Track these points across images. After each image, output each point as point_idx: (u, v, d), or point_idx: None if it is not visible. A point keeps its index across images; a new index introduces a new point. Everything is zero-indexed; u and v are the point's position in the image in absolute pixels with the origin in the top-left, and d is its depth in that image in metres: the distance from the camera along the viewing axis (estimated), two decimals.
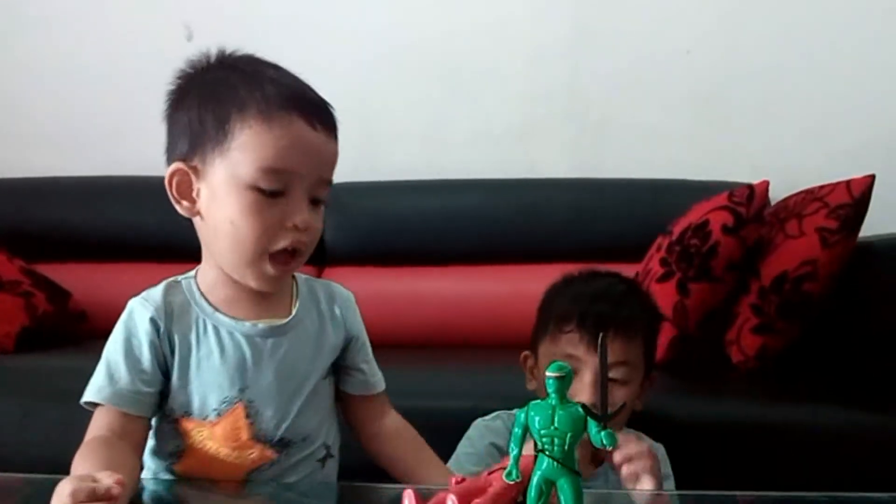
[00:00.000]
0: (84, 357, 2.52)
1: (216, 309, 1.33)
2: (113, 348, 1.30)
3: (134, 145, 2.98)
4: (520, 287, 1.79)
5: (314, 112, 1.30)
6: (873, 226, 2.30)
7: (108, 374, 1.28)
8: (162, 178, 1.30)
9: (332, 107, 1.36)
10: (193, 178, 1.29)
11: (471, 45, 3.09)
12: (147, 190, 2.79)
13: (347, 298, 1.46)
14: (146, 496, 1.23)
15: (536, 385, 1.73)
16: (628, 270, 2.44)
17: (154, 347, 1.29)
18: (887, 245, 2.30)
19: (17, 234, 2.78)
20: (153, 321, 1.29)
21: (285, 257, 1.28)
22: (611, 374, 1.59)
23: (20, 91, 3.21)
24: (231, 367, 1.30)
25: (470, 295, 2.83)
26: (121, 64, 3.13)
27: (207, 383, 1.30)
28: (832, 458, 1.99)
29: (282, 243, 1.26)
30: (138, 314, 1.30)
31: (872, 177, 2.25)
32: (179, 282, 1.36)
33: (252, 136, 1.25)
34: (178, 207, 1.31)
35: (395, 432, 1.46)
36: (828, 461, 1.98)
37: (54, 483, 1.00)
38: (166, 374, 1.30)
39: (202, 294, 1.34)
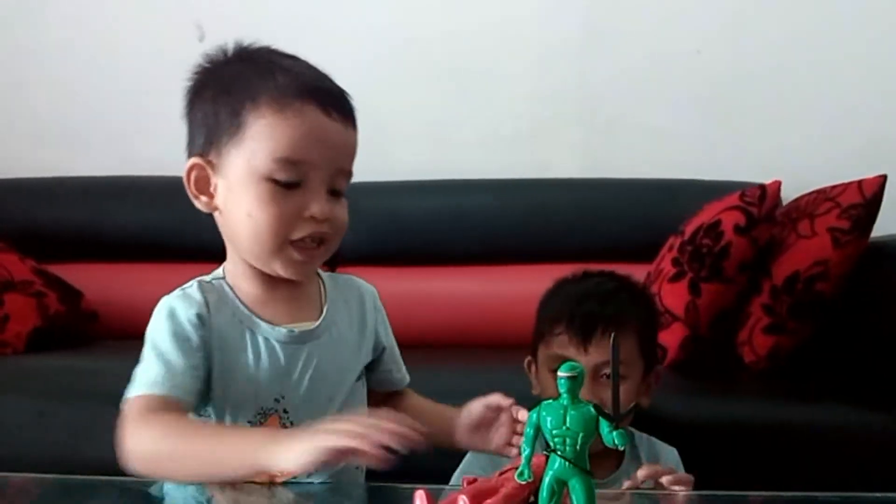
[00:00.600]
0: (96, 357, 2.55)
1: (252, 311, 1.31)
2: (162, 343, 1.24)
3: (146, 145, 3.00)
4: (530, 287, 1.78)
5: (330, 101, 1.29)
6: (885, 226, 2.30)
7: (165, 365, 1.22)
8: (174, 178, 1.30)
9: (349, 96, 1.35)
10: (210, 172, 1.28)
11: (480, 46, 3.09)
12: (159, 190, 2.82)
13: (373, 295, 1.47)
14: (172, 496, 1.22)
15: (540, 390, 1.72)
16: (640, 271, 2.44)
17: (204, 342, 1.25)
18: None
19: (30, 234, 2.79)
20: (200, 317, 1.26)
21: (309, 246, 1.27)
22: (604, 371, 1.59)
23: (33, 90, 3.22)
24: (266, 375, 1.28)
25: (479, 295, 2.83)
26: (134, 63, 3.13)
27: (242, 392, 1.27)
28: (844, 457, 1.98)
29: (301, 233, 1.25)
30: (182, 310, 1.26)
31: (884, 177, 2.25)
32: (210, 281, 1.33)
33: (266, 127, 1.24)
34: (196, 203, 1.31)
35: (415, 404, 1.51)
36: (840, 461, 1.98)
37: (65, 483, 0.99)
38: (209, 373, 1.26)
39: (235, 294, 1.32)
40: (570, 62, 3.09)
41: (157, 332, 1.25)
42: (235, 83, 1.29)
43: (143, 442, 1.15)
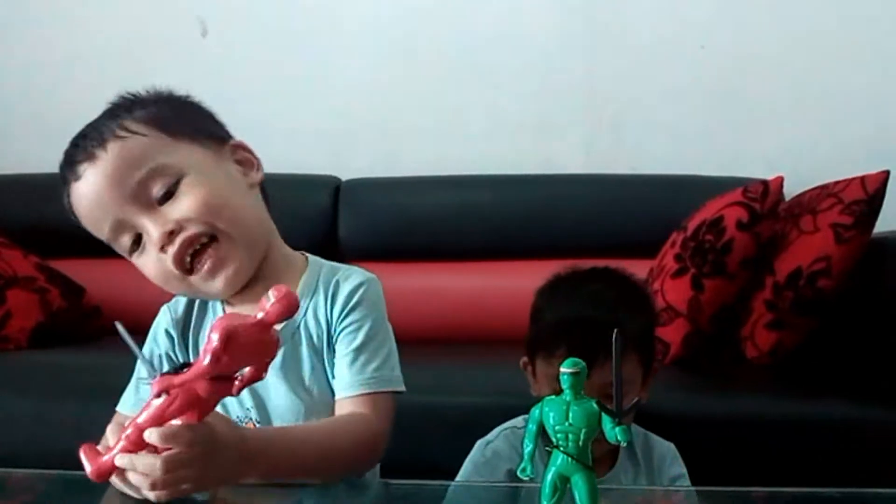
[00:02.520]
0: (98, 353, 2.55)
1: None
2: (140, 357, 1.22)
3: None
4: (534, 282, 1.77)
5: (71, 163, 1.25)
6: (888, 221, 2.29)
7: (134, 382, 1.27)
8: None
9: (105, 113, 1.31)
10: None
11: (485, 41, 3.09)
12: None
13: (357, 287, 1.32)
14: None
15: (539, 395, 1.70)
16: (643, 266, 2.45)
17: (170, 360, 1.27)
18: None
19: (32, 230, 2.78)
20: (167, 333, 1.28)
21: (200, 254, 1.22)
22: (608, 391, 1.57)
23: (32, 86, 3.22)
24: None
25: (485, 290, 2.83)
26: (137, 58, 3.12)
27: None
28: (847, 453, 1.98)
29: (177, 255, 1.21)
30: (159, 322, 1.30)
31: (887, 172, 2.25)
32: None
33: (78, 219, 1.27)
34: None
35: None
36: (842, 457, 1.97)
37: (68, 479, 0.99)
38: None
39: (221, 300, 1.31)
40: (575, 58, 3.09)
41: (147, 342, 1.31)
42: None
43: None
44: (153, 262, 1.22)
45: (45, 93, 3.21)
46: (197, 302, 1.31)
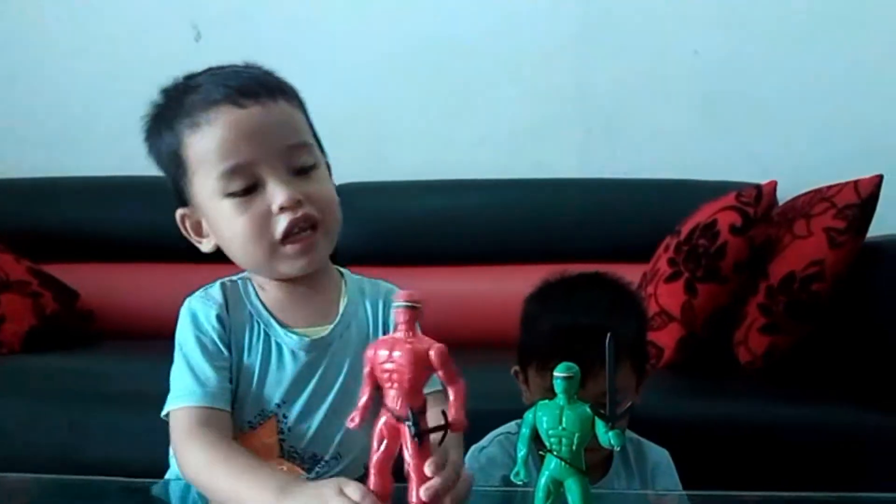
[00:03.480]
0: (92, 357, 2.55)
1: (270, 313, 1.30)
2: (190, 352, 1.25)
3: (142, 145, 2.99)
4: (527, 287, 1.77)
5: (237, 92, 1.26)
6: (881, 226, 2.30)
7: (195, 377, 1.23)
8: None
9: (269, 73, 1.34)
10: (194, 215, 1.31)
11: (479, 46, 3.09)
12: (156, 190, 2.79)
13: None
14: (173, 495, 1.22)
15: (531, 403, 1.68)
16: (636, 270, 2.45)
17: (224, 343, 1.26)
18: (895, 245, 2.29)
19: (25, 235, 2.79)
20: (219, 318, 1.27)
21: (301, 235, 1.24)
22: (602, 400, 1.56)
23: (28, 90, 3.21)
24: (274, 380, 1.27)
25: (478, 295, 2.82)
26: (129, 62, 3.12)
27: (248, 392, 1.27)
28: (840, 457, 1.98)
29: (281, 228, 1.23)
30: (203, 313, 1.27)
31: (880, 177, 2.25)
32: (235, 281, 1.33)
33: (193, 151, 1.24)
34: (201, 248, 1.32)
35: None
36: (836, 461, 1.98)
37: (62, 483, 0.99)
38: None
39: (257, 294, 1.32)
40: (568, 63, 3.09)
41: (184, 339, 1.27)
42: (158, 129, 1.31)
43: (189, 464, 1.17)
44: (254, 217, 1.23)
45: (38, 98, 3.20)
46: (235, 298, 1.31)
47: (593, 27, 3.07)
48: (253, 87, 1.27)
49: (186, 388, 1.22)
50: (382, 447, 0.93)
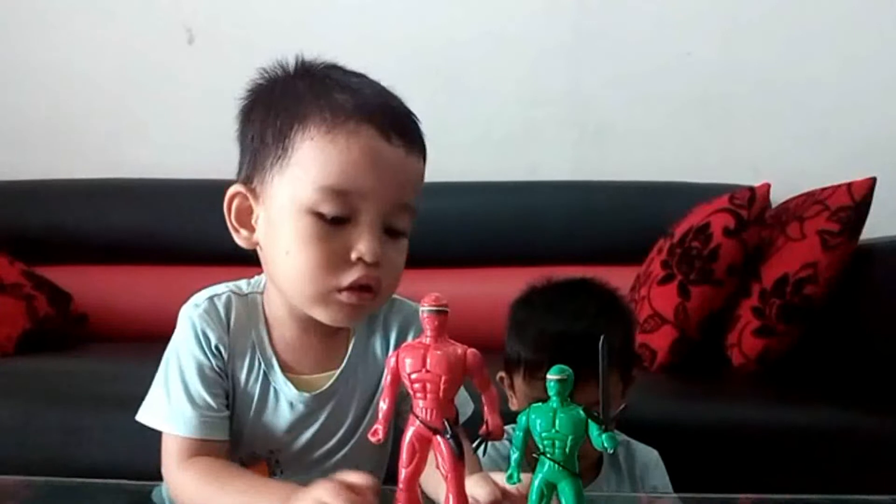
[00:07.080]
0: (85, 360, 2.54)
1: (274, 350, 1.22)
2: (189, 377, 1.18)
3: (135, 147, 2.99)
4: (519, 290, 1.77)
5: (390, 122, 1.16)
6: (874, 228, 2.30)
7: (191, 400, 1.17)
8: (164, 181, 1.29)
9: (417, 120, 1.23)
10: (253, 202, 1.18)
11: (472, 49, 3.09)
12: (149, 192, 2.82)
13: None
14: (167, 498, 1.21)
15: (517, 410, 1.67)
16: (629, 273, 2.45)
17: (223, 371, 1.19)
18: (888, 248, 2.29)
19: (19, 237, 2.78)
20: (218, 349, 1.19)
21: (358, 292, 1.13)
22: (595, 410, 1.55)
23: (21, 93, 3.21)
24: (267, 427, 1.21)
25: (470, 298, 2.80)
26: (122, 66, 3.12)
27: (240, 432, 1.22)
28: (833, 460, 1.98)
29: (347, 279, 1.12)
30: (204, 334, 1.19)
31: (873, 179, 2.25)
32: (246, 296, 1.25)
33: (313, 150, 1.12)
34: (236, 237, 1.21)
35: None
36: (829, 464, 1.98)
37: (55, 486, 0.99)
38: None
39: (266, 321, 1.24)
40: (561, 65, 3.09)
41: (183, 354, 1.20)
42: (285, 102, 1.17)
43: (184, 486, 1.13)
44: (330, 251, 1.11)
45: (30, 100, 3.20)
46: (242, 321, 1.22)
47: (586, 30, 3.07)
48: (406, 129, 1.20)
49: (181, 413, 1.16)
50: (413, 462, 0.89)
